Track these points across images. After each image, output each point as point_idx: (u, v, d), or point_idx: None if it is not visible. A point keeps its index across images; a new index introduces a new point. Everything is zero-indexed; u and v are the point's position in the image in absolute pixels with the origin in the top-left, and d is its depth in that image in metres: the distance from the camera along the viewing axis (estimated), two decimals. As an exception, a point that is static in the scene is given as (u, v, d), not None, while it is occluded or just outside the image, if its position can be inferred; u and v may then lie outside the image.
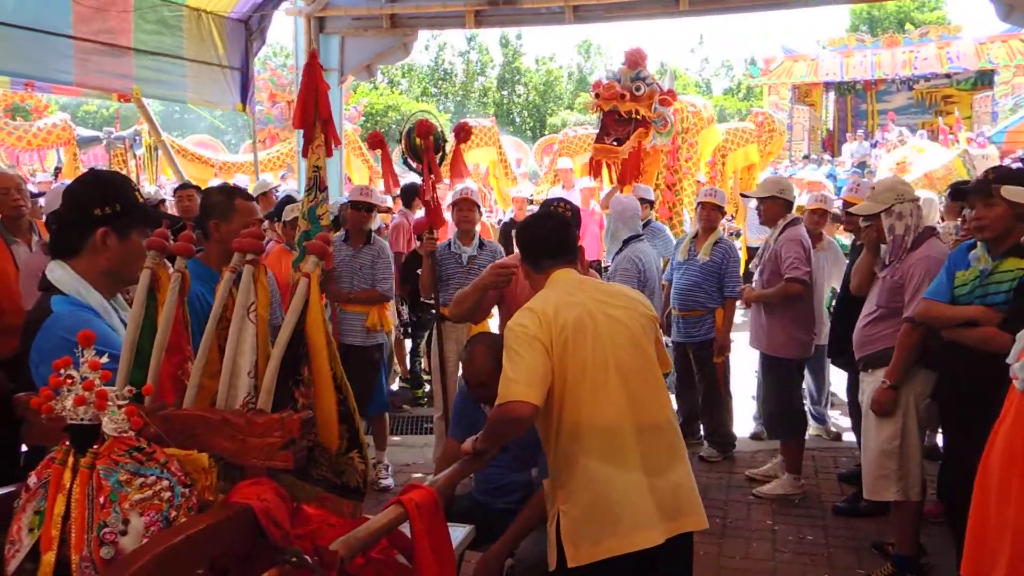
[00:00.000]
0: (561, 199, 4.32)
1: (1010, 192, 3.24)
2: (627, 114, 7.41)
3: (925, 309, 3.69)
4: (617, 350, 2.54)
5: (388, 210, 7.94)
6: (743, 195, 5.46)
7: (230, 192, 3.33)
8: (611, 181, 7.96)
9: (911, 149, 13.33)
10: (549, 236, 2.84)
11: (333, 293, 5.39)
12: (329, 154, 4.81)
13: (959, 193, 5.71)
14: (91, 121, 32.75)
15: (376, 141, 5.16)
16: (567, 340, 2.49)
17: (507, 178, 13.57)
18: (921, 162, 12.18)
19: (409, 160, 4.92)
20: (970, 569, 2.21)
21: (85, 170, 12.75)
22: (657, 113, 7.52)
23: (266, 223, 5.96)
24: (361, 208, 5.55)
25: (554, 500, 2.59)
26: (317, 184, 4.75)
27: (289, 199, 6.28)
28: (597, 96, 7.60)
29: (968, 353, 4.12)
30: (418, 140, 4.73)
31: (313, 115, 4.63)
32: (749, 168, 10.20)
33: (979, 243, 3.54)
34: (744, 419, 6.37)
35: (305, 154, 4.76)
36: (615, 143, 7.51)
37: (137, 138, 12.82)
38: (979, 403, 3.77)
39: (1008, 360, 2.35)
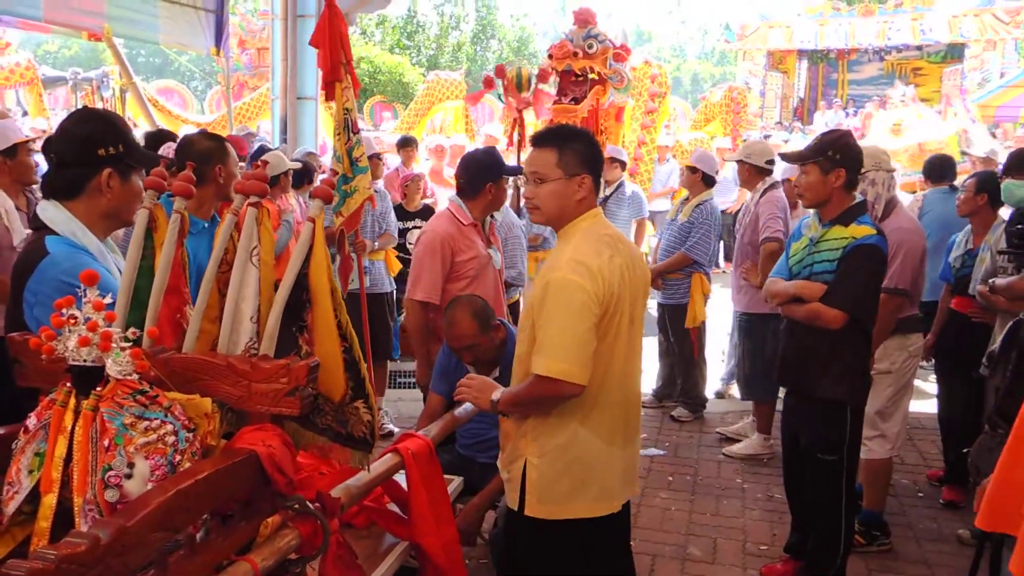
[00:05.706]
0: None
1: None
2: (582, 72, 7.35)
3: (766, 288, 3.62)
4: (629, 323, 2.43)
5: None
6: (740, 161, 5.40)
7: (214, 135, 3.34)
8: None
9: (911, 113, 12.60)
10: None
11: (362, 245, 5.12)
12: (356, 96, 4.84)
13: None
14: (52, 61, 31.74)
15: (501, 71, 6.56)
16: (607, 311, 2.34)
17: (467, 134, 13.66)
18: (917, 129, 11.47)
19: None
20: (987, 520, 2.22)
21: (52, 112, 12.28)
22: (613, 70, 7.43)
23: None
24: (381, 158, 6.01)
25: (521, 447, 2.45)
26: (348, 126, 4.70)
27: (263, 149, 6.19)
28: (551, 57, 7.50)
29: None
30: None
31: (340, 57, 4.61)
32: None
33: (812, 211, 3.51)
34: (712, 380, 6.44)
35: (329, 98, 4.75)
36: (572, 102, 7.45)
37: (105, 79, 12.39)
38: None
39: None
